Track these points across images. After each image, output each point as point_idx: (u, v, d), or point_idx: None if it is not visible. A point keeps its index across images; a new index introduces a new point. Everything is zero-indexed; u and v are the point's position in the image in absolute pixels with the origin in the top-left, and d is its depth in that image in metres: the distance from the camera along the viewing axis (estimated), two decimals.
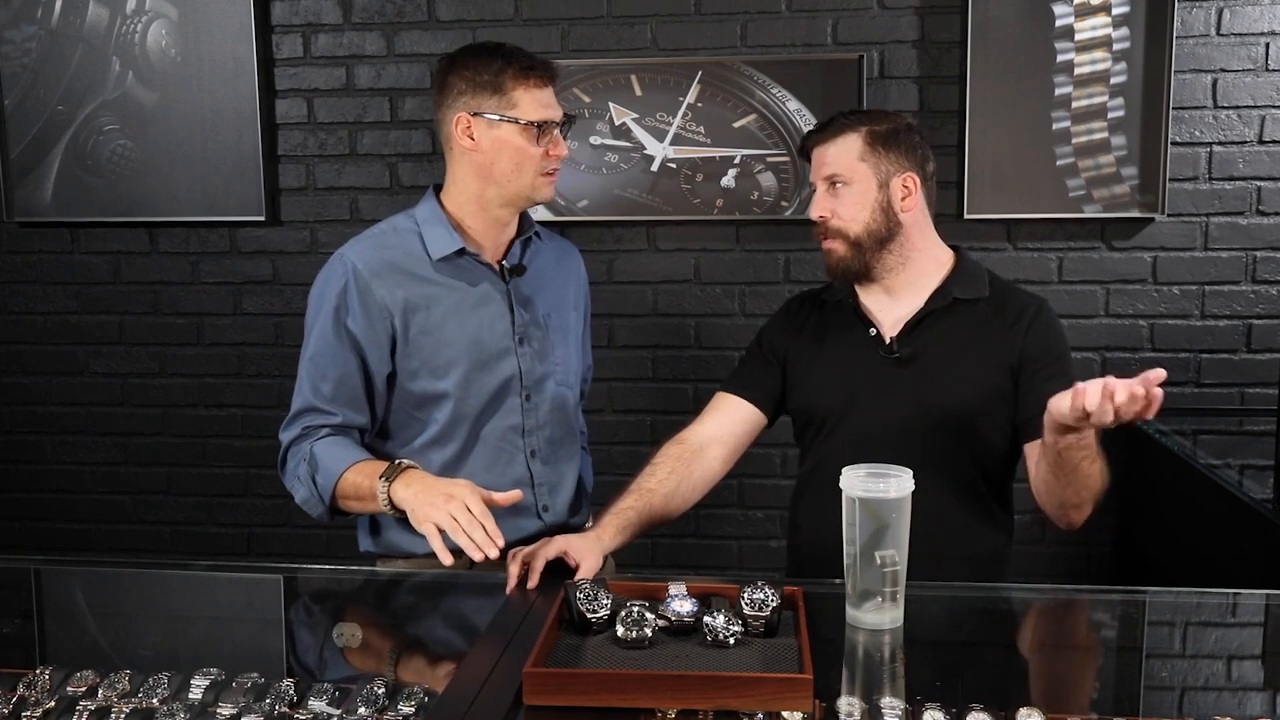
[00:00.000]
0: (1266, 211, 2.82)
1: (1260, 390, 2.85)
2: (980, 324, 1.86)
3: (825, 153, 1.86)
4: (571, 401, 2.00)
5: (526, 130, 1.80)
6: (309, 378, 1.84)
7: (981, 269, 1.93)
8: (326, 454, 1.79)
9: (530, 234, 1.95)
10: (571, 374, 1.99)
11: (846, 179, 1.84)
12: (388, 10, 2.97)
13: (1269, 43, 2.76)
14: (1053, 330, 1.88)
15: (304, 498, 1.82)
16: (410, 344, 1.83)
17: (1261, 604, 1.64)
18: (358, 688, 1.28)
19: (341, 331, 1.82)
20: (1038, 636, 1.53)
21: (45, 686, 1.30)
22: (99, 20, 3.00)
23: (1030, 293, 1.95)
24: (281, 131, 3.05)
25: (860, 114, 1.89)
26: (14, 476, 3.27)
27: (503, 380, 1.87)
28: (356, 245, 1.88)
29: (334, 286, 1.83)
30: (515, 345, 1.88)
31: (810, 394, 1.94)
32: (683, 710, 1.21)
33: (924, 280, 1.89)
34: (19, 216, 3.12)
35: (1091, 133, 2.79)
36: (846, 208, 1.84)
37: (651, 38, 2.91)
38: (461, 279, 1.86)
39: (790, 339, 1.98)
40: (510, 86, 1.80)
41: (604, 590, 1.42)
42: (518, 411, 1.89)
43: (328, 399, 1.82)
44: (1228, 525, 2.20)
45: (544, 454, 1.93)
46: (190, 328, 3.16)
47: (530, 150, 1.81)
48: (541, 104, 1.81)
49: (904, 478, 1.45)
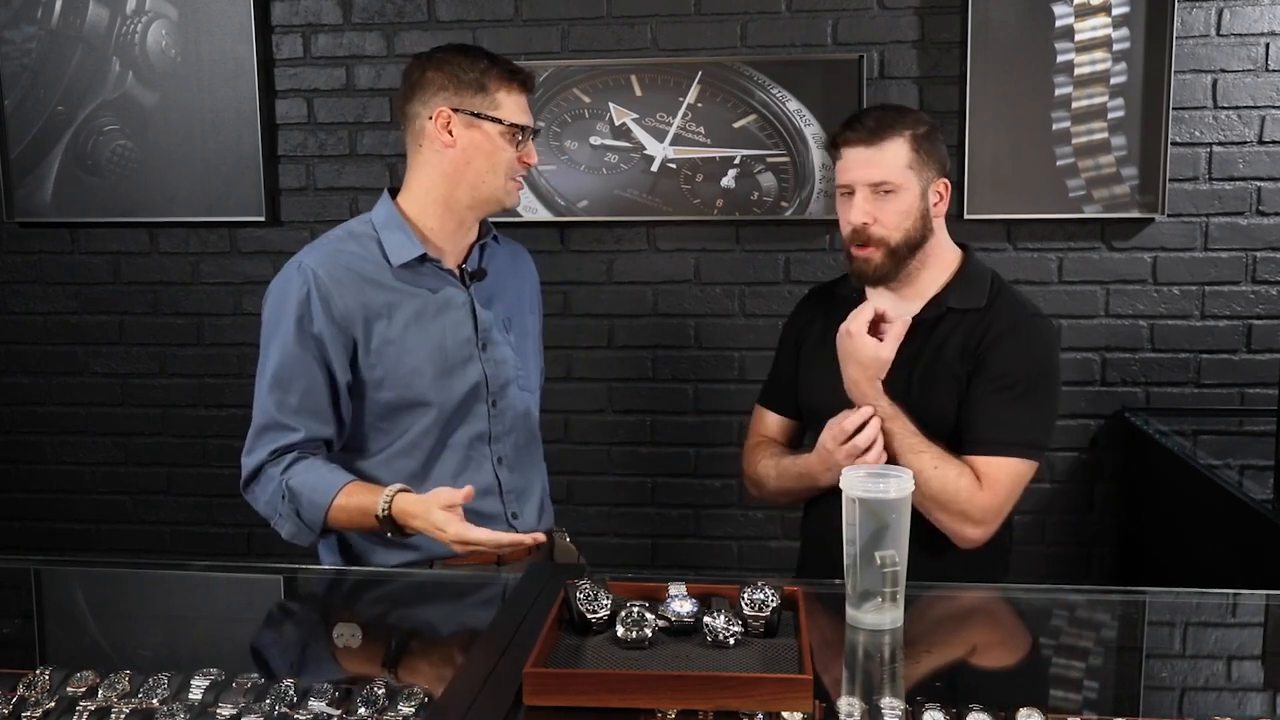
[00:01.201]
0: (1266, 212, 2.82)
1: (1260, 390, 2.85)
2: (965, 337, 1.85)
3: (873, 157, 1.81)
4: (535, 407, 1.98)
5: (507, 131, 1.80)
6: (271, 392, 1.79)
7: (985, 275, 1.92)
8: (305, 486, 1.75)
9: (488, 238, 1.93)
10: (533, 378, 1.98)
11: (895, 186, 1.81)
12: (388, 10, 2.97)
13: (1269, 43, 2.76)
14: (1020, 346, 1.82)
15: (291, 533, 1.80)
16: (373, 353, 1.79)
17: (1261, 604, 1.64)
18: (358, 688, 1.28)
19: (306, 340, 1.77)
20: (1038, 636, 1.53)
21: (45, 686, 1.30)
22: (99, 20, 3.00)
23: (1026, 308, 1.90)
24: (281, 131, 3.05)
25: (899, 113, 1.85)
26: (14, 476, 3.27)
27: (469, 387, 1.85)
28: (314, 252, 1.83)
29: (295, 295, 1.78)
30: (479, 351, 1.86)
31: (806, 390, 1.99)
32: (683, 710, 1.21)
33: (930, 284, 1.89)
34: (19, 216, 3.12)
35: (1091, 133, 2.79)
36: (891, 215, 1.81)
37: (651, 38, 2.91)
38: (422, 285, 1.83)
39: (801, 336, 2.02)
40: (494, 87, 1.80)
41: (604, 590, 1.42)
42: (484, 418, 1.87)
43: (293, 411, 1.77)
44: (1228, 525, 2.20)
45: (510, 460, 1.91)
46: (190, 328, 3.16)
47: (504, 153, 1.81)
48: (521, 109, 1.83)
49: (904, 478, 1.45)
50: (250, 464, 1.81)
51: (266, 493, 1.80)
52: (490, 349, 1.88)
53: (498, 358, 1.88)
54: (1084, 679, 1.43)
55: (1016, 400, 1.79)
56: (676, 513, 3.08)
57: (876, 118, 1.84)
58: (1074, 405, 2.92)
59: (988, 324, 1.85)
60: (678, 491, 3.07)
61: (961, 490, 1.75)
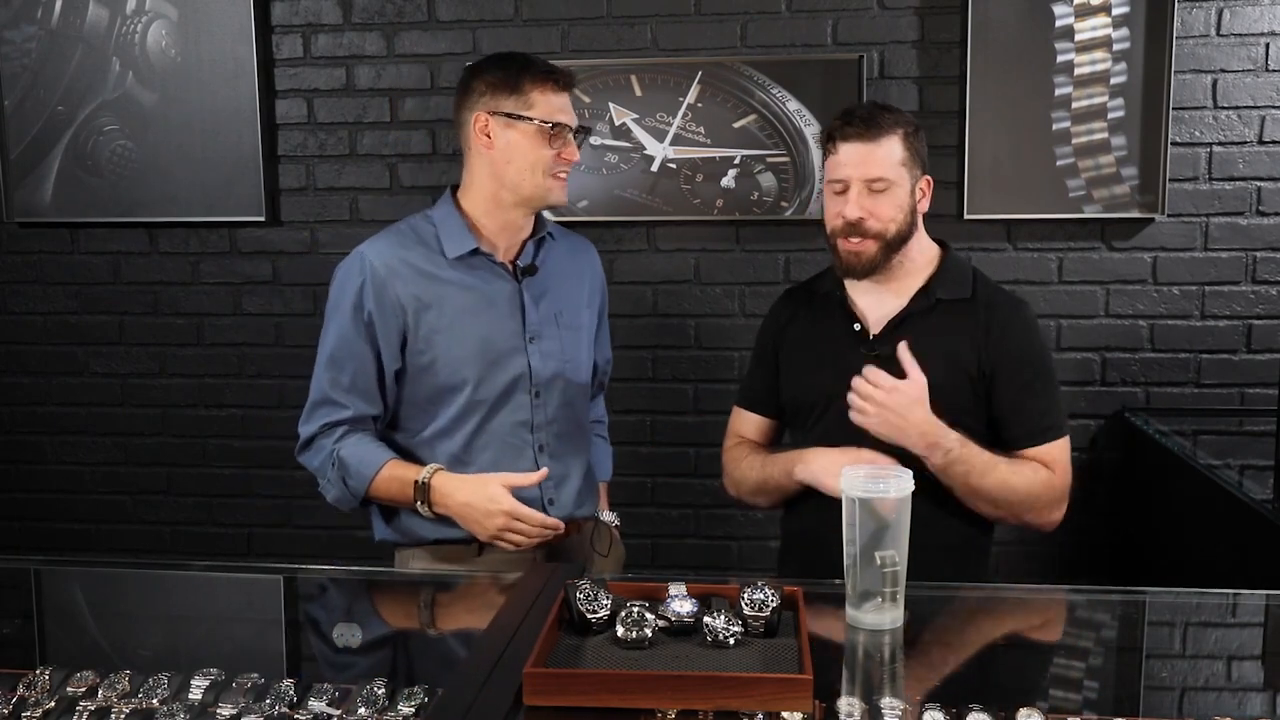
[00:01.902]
0: (1266, 212, 2.82)
1: (1260, 390, 2.85)
2: (958, 327, 1.88)
3: (871, 153, 1.84)
4: (581, 397, 2.03)
5: (540, 130, 1.85)
6: (327, 369, 1.90)
7: (966, 267, 1.96)
8: (353, 457, 1.85)
9: (544, 234, 1.99)
10: (583, 370, 2.02)
11: (890, 182, 1.84)
12: (388, 10, 2.97)
13: (1269, 43, 2.76)
14: (1027, 335, 1.89)
15: (336, 497, 1.90)
16: (422, 340, 1.88)
17: (1261, 604, 1.64)
18: (358, 688, 1.28)
19: (360, 326, 1.87)
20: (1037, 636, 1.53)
21: (45, 686, 1.30)
22: (99, 20, 3.00)
23: (1011, 295, 1.96)
24: (281, 132, 3.05)
25: (891, 111, 1.89)
26: (14, 476, 3.27)
27: (512, 377, 1.91)
28: (376, 243, 1.93)
29: (353, 283, 1.88)
30: (525, 344, 1.92)
31: (792, 386, 2.00)
32: (683, 710, 1.21)
33: (912, 277, 1.92)
34: (19, 216, 3.12)
35: (1091, 133, 2.79)
36: (887, 209, 1.85)
37: (651, 38, 2.91)
38: (474, 278, 1.91)
39: (779, 336, 2.03)
40: (527, 88, 1.86)
41: (604, 590, 1.42)
42: (527, 408, 1.93)
43: (345, 390, 1.88)
44: (1228, 525, 2.20)
45: (552, 448, 1.96)
46: (190, 328, 3.16)
47: (542, 151, 1.87)
48: (556, 107, 1.87)
49: (904, 478, 1.46)
50: (305, 433, 1.92)
51: (318, 459, 1.90)
52: (538, 342, 1.93)
53: (545, 350, 1.93)
54: (1084, 679, 1.43)
55: (1044, 387, 1.88)
56: (676, 513, 3.08)
57: (872, 114, 1.86)
58: (1074, 405, 2.92)
59: (987, 317, 1.88)
60: (678, 491, 3.07)
61: (1043, 483, 1.83)
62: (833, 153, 1.89)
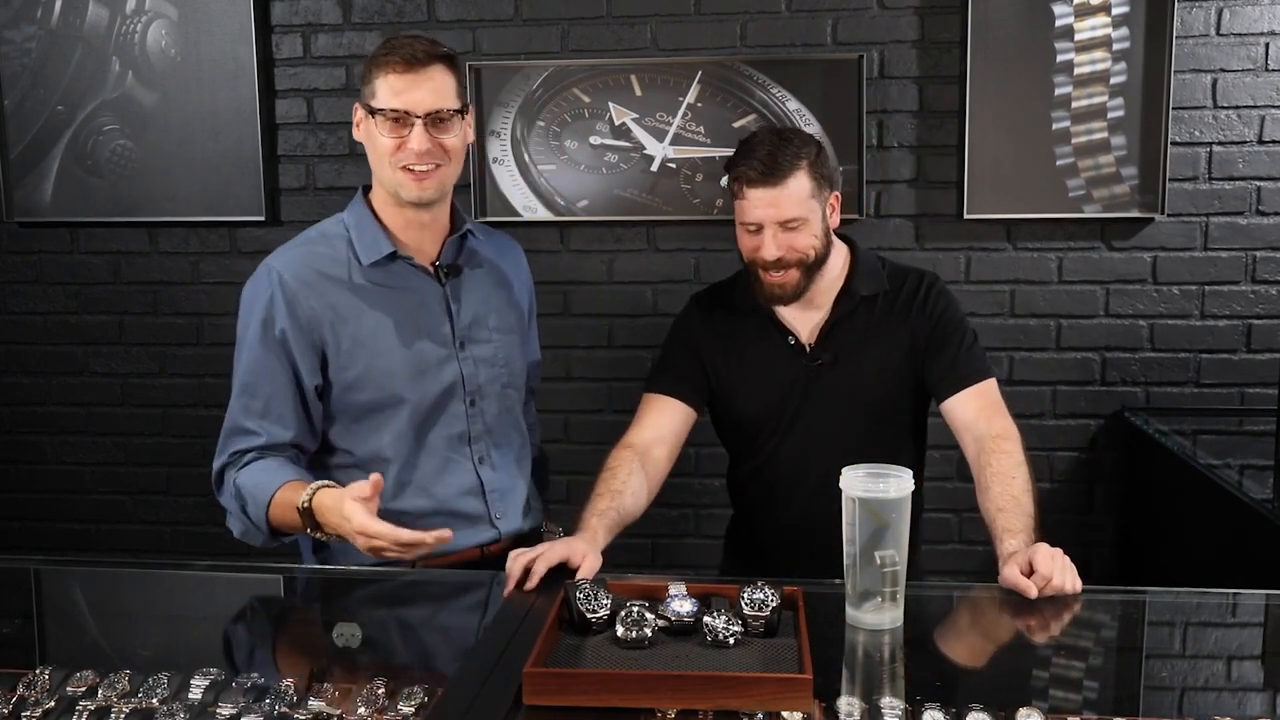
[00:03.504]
0: (1266, 211, 2.82)
1: (1260, 390, 2.85)
2: (884, 316, 1.95)
3: (777, 196, 1.82)
4: (519, 405, 1.94)
5: (377, 119, 1.70)
6: (239, 396, 1.78)
7: (875, 260, 2.01)
8: (249, 483, 1.73)
9: (464, 231, 1.86)
10: (517, 376, 1.92)
11: (801, 220, 1.84)
12: (388, 10, 2.97)
13: (1269, 43, 2.76)
14: (939, 302, 1.95)
15: (241, 531, 1.79)
16: (344, 355, 1.76)
17: (1261, 604, 1.64)
18: (358, 688, 1.28)
19: (271, 343, 1.75)
20: (1038, 636, 1.53)
21: (45, 686, 1.30)
22: (99, 20, 3.00)
23: (919, 270, 2.01)
24: (281, 131, 3.05)
25: (791, 143, 1.84)
26: (14, 476, 3.27)
27: (444, 387, 1.80)
28: (283, 254, 1.81)
29: (260, 300, 1.77)
30: (456, 350, 1.81)
31: (741, 405, 2.00)
32: (683, 710, 1.22)
33: (830, 283, 1.95)
34: (19, 216, 3.12)
35: (1091, 133, 2.79)
36: (803, 240, 1.86)
37: (651, 38, 2.91)
38: (395, 284, 1.79)
39: (707, 338, 2.01)
40: (374, 74, 1.71)
41: (604, 590, 1.42)
42: (462, 419, 1.83)
43: (257, 415, 1.75)
44: (1228, 525, 2.20)
45: (492, 460, 1.86)
46: (190, 328, 3.16)
47: (381, 141, 1.71)
48: (394, 91, 1.68)
49: (904, 478, 1.46)
50: (215, 467, 1.81)
51: (225, 493, 1.79)
52: (469, 347, 1.83)
53: (477, 356, 1.84)
54: (1084, 679, 1.43)
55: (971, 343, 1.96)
56: (676, 513, 3.08)
57: (774, 154, 1.81)
58: (1074, 405, 2.92)
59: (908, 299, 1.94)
60: (677, 491, 3.06)
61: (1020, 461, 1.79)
62: (740, 196, 1.87)
